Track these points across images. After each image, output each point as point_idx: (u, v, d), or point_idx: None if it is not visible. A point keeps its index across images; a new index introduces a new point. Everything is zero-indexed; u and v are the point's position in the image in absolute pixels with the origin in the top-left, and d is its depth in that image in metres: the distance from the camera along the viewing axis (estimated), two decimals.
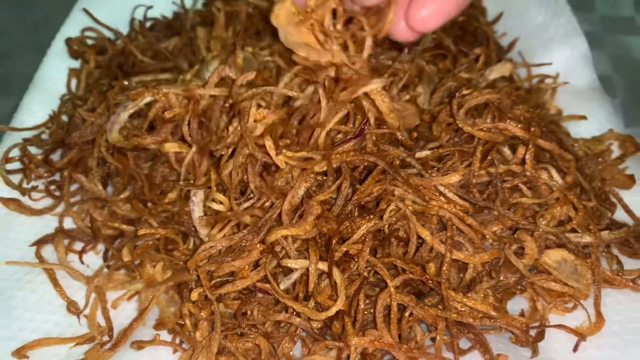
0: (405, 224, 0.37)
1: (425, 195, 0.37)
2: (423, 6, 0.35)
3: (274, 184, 0.38)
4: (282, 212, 0.37)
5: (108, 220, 0.46)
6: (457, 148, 0.39)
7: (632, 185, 0.45)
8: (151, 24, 0.61)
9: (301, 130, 0.38)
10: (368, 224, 0.36)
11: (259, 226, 0.37)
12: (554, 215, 0.39)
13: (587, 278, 0.38)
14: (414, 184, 0.37)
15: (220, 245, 0.38)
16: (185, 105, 0.42)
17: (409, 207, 0.37)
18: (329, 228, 0.36)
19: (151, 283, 0.42)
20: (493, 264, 0.38)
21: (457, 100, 0.41)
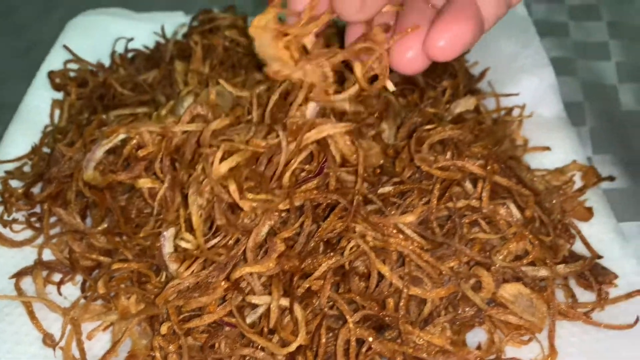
0: (367, 259, 0.39)
1: (384, 232, 0.39)
2: (441, 36, 0.35)
3: (239, 222, 0.39)
4: (247, 250, 0.39)
5: (86, 252, 0.48)
6: (416, 185, 0.41)
7: (590, 218, 0.46)
8: (133, 55, 0.62)
9: (265, 172, 0.40)
10: (329, 261, 0.38)
11: (224, 263, 0.39)
12: (510, 250, 0.40)
13: (542, 311, 0.40)
14: (373, 221, 0.39)
15: (187, 282, 0.39)
16: (159, 142, 0.44)
17: (369, 243, 0.38)
18: (290, 265, 0.37)
19: (125, 315, 0.43)
20: (451, 298, 0.40)
21: (417, 136, 0.43)
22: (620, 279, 0.42)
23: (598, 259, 0.43)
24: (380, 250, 0.39)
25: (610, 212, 0.48)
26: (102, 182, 0.44)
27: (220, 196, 0.39)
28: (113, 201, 0.47)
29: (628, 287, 0.41)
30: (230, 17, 0.60)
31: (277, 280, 0.38)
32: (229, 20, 0.59)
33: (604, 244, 0.45)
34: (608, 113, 0.62)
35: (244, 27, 0.59)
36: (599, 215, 0.47)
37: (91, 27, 0.68)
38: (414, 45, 0.36)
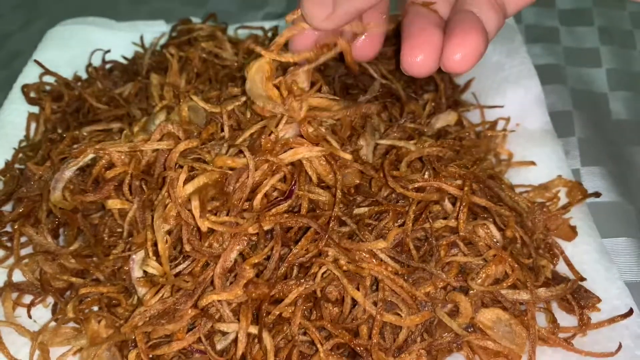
0: (340, 284, 0.37)
1: (357, 257, 0.38)
2: (458, 50, 0.36)
3: (206, 247, 0.38)
4: (215, 276, 0.37)
5: (58, 273, 0.47)
6: (392, 207, 0.39)
7: (574, 237, 0.45)
8: (110, 67, 0.61)
9: (235, 193, 0.39)
10: (299, 288, 0.36)
11: (191, 290, 0.38)
12: (488, 273, 0.39)
13: (522, 337, 0.38)
14: (345, 247, 0.38)
15: (154, 309, 0.38)
16: (128, 162, 0.43)
17: (343, 267, 0.37)
18: (259, 293, 0.36)
19: (94, 340, 0.42)
20: (427, 324, 0.38)
21: (394, 153, 0.42)
22: (603, 303, 0.40)
23: (581, 281, 0.41)
24: (354, 275, 0.37)
25: (596, 231, 0.46)
26: (69, 205, 0.42)
27: (186, 221, 0.38)
28: (84, 220, 0.46)
29: (612, 311, 0.40)
30: (209, 28, 0.58)
31: (246, 308, 0.37)
32: (207, 31, 0.58)
33: (588, 264, 0.43)
34: (597, 123, 0.60)
35: (223, 36, 0.58)
36: (583, 234, 0.45)
37: (70, 37, 0.67)
38: (424, 49, 0.37)
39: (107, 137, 0.47)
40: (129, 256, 0.42)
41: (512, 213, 0.41)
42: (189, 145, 0.40)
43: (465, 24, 0.36)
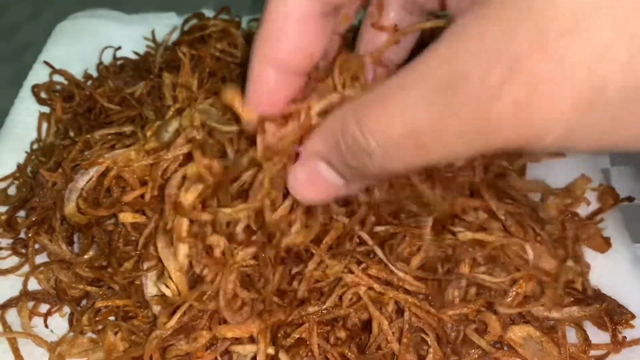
0: (359, 308, 0.36)
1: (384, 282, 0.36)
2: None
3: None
4: (221, 310, 0.36)
5: (73, 281, 0.46)
6: (409, 229, 0.38)
7: (607, 249, 0.43)
8: (121, 63, 0.59)
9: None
10: (315, 317, 0.35)
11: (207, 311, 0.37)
12: (519, 292, 0.37)
13: (552, 355, 0.37)
14: (372, 273, 0.36)
15: (170, 329, 0.37)
16: (142, 175, 0.41)
17: (364, 294, 0.36)
18: (274, 321, 0.35)
19: (111, 352, 0.42)
20: (453, 342, 0.37)
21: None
22: (638, 319, 0.39)
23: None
24: (376, 300, 0.36)
25: (628, 238, 0.44)
26: (83, 219, 0.41)
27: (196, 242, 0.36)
28: (98, 229, 0.45)
29: None
30: (222, 23, 0.56)
31: (264, 330, 0.36)
32: (220, 26, 0.56)
33: (620, 276, 0.41)
34: None
35: (237, 32, 0.56)
36: (615, 243, 0.43)
37: (80, 31, 0.65)
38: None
39: (119, 143, 0.46)
40: (142, 272, 0.41)
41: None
42: (177, 152, 0.39)
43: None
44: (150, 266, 0.39)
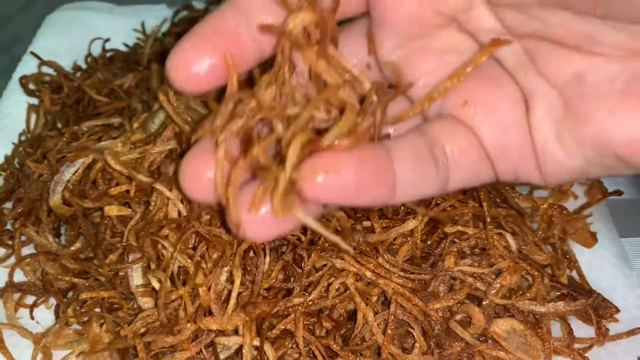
0: (346, 301, 0.36)
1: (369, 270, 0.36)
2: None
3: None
4: (210, 301, 0.36)
5: (60, 273, 0.46)
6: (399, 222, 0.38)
7: (594, 244, 0.43)
8: (111, 55, 0.59)
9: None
10: (301, 308, 0.35)
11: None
12: (503, 284, 0.37)
13: (536, 349, 0.37)
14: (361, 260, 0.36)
15: (155, 315, 0.37)
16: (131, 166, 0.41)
17: (352, 285, 0.36)
18: (259, 313, 0.35)
19: (96, 344, 0.41)
20: (437, 335, 0.37)
21: None
22: (622, 312, 0.39)
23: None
24: (363, 291, 0.36)
25: (615, 233, 0.44)
26: (68, 211, 0.41)
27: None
28: (85, 220, 0.45)
29: (630, 321, 0.38)
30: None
31: (249, 322, 0.36)
32: None
33: (606, 270, 0.41)
34: None
35: None
36: (602, 238, 0.43)
37: (69, 23, 0.65)
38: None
39: (106, 135, 0.46)
40: (127, 265, 0.41)
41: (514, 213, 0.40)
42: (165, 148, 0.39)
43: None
44: (136, 258, 0.38)
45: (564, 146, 0.28)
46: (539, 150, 0.29)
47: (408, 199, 0.30)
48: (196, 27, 0.29)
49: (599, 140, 0.27)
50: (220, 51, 0.28)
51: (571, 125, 0.28)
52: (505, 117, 0.30)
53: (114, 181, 0.42)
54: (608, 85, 0.27)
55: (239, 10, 0.29)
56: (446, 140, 0.30)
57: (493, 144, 0.30)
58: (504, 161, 0.31)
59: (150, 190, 0.40)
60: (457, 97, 0.30)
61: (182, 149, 0.42)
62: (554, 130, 0.29)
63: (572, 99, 0.28)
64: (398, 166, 0.29)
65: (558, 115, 0.28)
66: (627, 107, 0.26)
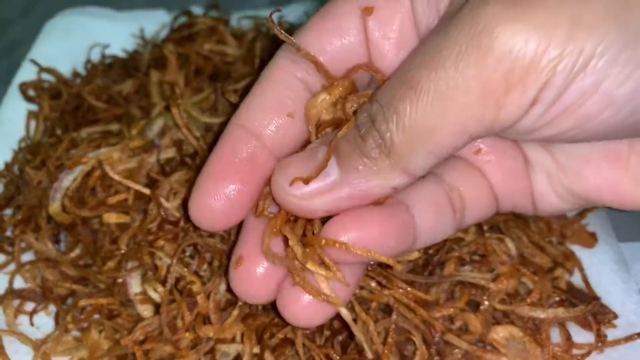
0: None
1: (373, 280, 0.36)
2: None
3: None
4: (210, 311, 0.36)
5: (59, 280, 0.46)
6: None
7: (594, 244, 0.43)
8: (110, 62, 0.59)
9: None
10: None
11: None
12: (500, 288, 0.37)
13: (535, 356, 0.37)
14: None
15: (154, 324, 0.37)
16: (126, 176, 0.41)
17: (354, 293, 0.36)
18: (258, 325, 0.35)
19: (94, 351, 0.42)
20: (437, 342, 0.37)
21: None
22: (619, 318, 0.39)
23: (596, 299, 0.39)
24: (364, 300, 0.36)
25: (614, 237, 0.44)
26: (67, 218, 0.41)
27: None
28: (84, 227, 0.45)
29: (628, 326, 0.38)
30: (210, 20, 0.56)
31: (249, 331, 0.36)
32: (208, 24, 0.56)
33: (604, 275, 0.41)
34: None
35: (224, 29, 0.56)
36: (600, 242, 0.43)
37: (69, 29, 0.65)
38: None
39: (104, 142, 0.46)
40: (125, 273, 0.41)
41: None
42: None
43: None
44: (134, 266, 0.38)
45: (558, 195, 0.33)
46: (537, 195, 0.33)
47: (426, 244, 0.32)
48: (208, 163, 0.31)
49: (589, 193, 0.32)
50: (239, 187, 0.30)
51: (563, 180, 0.32)
52: (513, 165, 0.33)
53: (113, 188, 0.42)
54: (590, 147, 0.31)
55: (250, 133, 0.31)
56: (463, 185, 0.33)
57: (501, 187, 0.33)
58: (506, 201, 0.34)
59: (148, 198, 0.40)
60: (470, 145, 0.32)
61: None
62: (548, 181, 0.33)
63: (560, 158, 0.32)
64: (419, 218, 0.31)
65: (551, 170, 0.32)
66: (609, 165, 0.31)
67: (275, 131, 0.31)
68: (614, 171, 0.31)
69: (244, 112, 0.31)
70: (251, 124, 0.31)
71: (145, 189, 0.39)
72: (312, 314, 0.30)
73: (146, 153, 0.42)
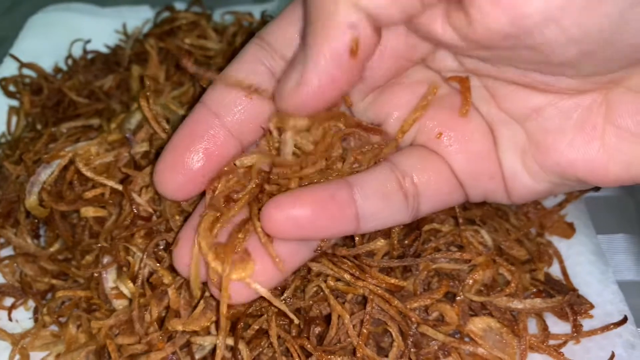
0: (322, 303, 0.36)
1: (353, 274, 0.36)
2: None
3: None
4: (180, 307, 0.36)
5: (39, 275, 0.46)
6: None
7: (572, 235, 0.43)
8: (92, 57, 0.59)
9: None
10: (274, 308, 0.35)
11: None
12: (476, 279, 0.37)
13: (512, 346, 0.37)
14: (342, 254, 0.36)
15: (126, 316, 0.37)
16: (103, 171, 0.41)
17: (329, 285, 0.36)
18: (233, 313, 0.35)
19: (71, 346, 0.41)
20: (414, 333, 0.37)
21: None
22: (596, 308, 0.39)
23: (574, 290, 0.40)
24: (337, 292, 0.36)
25: (592, 229, 0.44)
26: (43, 212, 0.41)
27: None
28: (63, 222, 0.45)
29: (605, 317, 0.38)
30: (192, 15, 0.56)
31: (224, 321, 0.36)
32: (190, 19, 0.55)
33: (582, 266, 0.41)
34: None
35: (206, 24, 0.55)
36: (579, 234, 0.43)
37: (52, 24, 0.65)
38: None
39: (84, 137, 0.46)
40: (101, 268, 0.41)
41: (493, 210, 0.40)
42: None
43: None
44: (110, 261, 0.38)
45: (530, 173, 0.32)
46: (508, 176, 0.33)
47: (375, 228, 0.34)
48: (174, 139, 0.33)
49: (563, 168, 0.31)
50: (197, 165, 0.32)
51: (536, 155, 0.32)
52: (477, 147, 0.33)
53: (90, 182, 0.42)
54: (565, 119, 0.31)
55: (211, 112, 0.32)
56: (417, 172, 0.33)
57: (465, 171, 0.34)
58: (474, 186, 0.34)
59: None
60: (432, 129, 0.33)
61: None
62: (520, 159, 0.32)
63: (534, 131, 0.32)
64: (362, 202, 0.32)
65: (524, 146, 0.32)
66: (584, 138, 0.30)
67: (235, 112, 0.32)
68: (589, 144, 0.30)
69: (210, 92, 0.33)
70: (213, 103, 0.32)
71: (117, 184, 0.39)
72: (236, 294, 0.32)
73: (123, 147, 0.41)
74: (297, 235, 0.31)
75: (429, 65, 0.33)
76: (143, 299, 0.36)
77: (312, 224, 0.31)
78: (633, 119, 0.29)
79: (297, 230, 0.31)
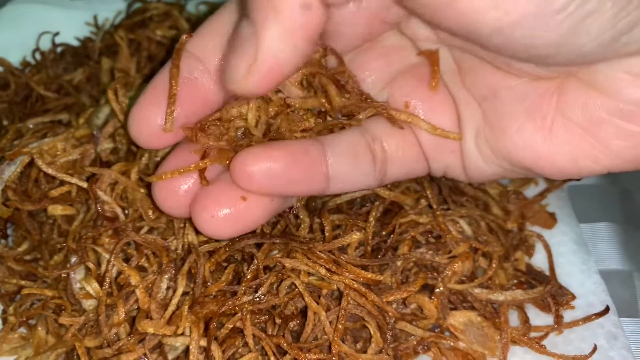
0: (297, 299, 0.35)
1: (328, 267, 0.35)
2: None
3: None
4: (151, 311, 0.35)
5: (7, 276, 0.44)
6: (351, 222, 0.37)
7: (554, 224, 0.42)
8: (61, 50, 0.57)
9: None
10: (248, 306, 0.34)
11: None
12: (455, 271, 0.36)
13: (494, 340, 0.36)
14: (317, 249, 0.35)
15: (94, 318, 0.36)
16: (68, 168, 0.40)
17: (303, 281, 0.34)
18: (207, 313, 0.33)
19: (39, 349, 0.40)
20: (391, 328, 0.36)
21: None
22: (578, 299, 0.38)
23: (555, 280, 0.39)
24: (314, 287, 0.35)
25: (574, 218, 0.43)
26: (6, 212, 0.39)
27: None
28: (31, 220, 0.43)
29: (587, 307, 0.38)
30: (164, 6, 0.54)
31: (197, 320, 0.34)
32: (162, 9, 0.54)
33: (564, 256, 0.41)
34: None
35: (178, 14, 0.54)
36: (560, 223, 0.43)
37: (21, 17, 0.63)
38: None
39: (51, 132, 0.44)
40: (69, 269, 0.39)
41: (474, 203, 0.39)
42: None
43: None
44: (78, 261, 0.37)
45: (482, 154, 0.33)
46: (465, 154, 0.33)
47: (343, 190, 0.33)
48: (153, 81, 0.31)
49: (510, 154, 0.31)
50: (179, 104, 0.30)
51: (488, 137, 0.32)
52: (441, 121, 0.33)
53: (57, 180, 0.40)
54: (519, 103, 0.30)
55: (193, 56, 0.31)
56: (386, 138, 0.33)
57: (429, 141, 0.34)
58: (437, 160, 0.34)
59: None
60: (400, 97, 0.33)
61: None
62: (474, 138, 0.32)
63: (489, 113, 0.32)
64: (333, 161, 0.32)
65: (478, 125, 0.32)
66: (533, 126, 0.30)
67: (218, 56, 0.31)
68: (537, 132, 0.30)
69: (193, 39, 0.31)
70: (196, 49, 0.31)
71: (83, 182, 0.38)
72: (222, 226, 0.31)
73: (89, 144, 0.40)
74: (269, 188, 0.31)
75: (404, 31, 0.33)
76: (110, 298, 0.35)
77: (285, 176, 0.30)
78: (582, 112, 0.29)
79: (269, 182, 0.30)
